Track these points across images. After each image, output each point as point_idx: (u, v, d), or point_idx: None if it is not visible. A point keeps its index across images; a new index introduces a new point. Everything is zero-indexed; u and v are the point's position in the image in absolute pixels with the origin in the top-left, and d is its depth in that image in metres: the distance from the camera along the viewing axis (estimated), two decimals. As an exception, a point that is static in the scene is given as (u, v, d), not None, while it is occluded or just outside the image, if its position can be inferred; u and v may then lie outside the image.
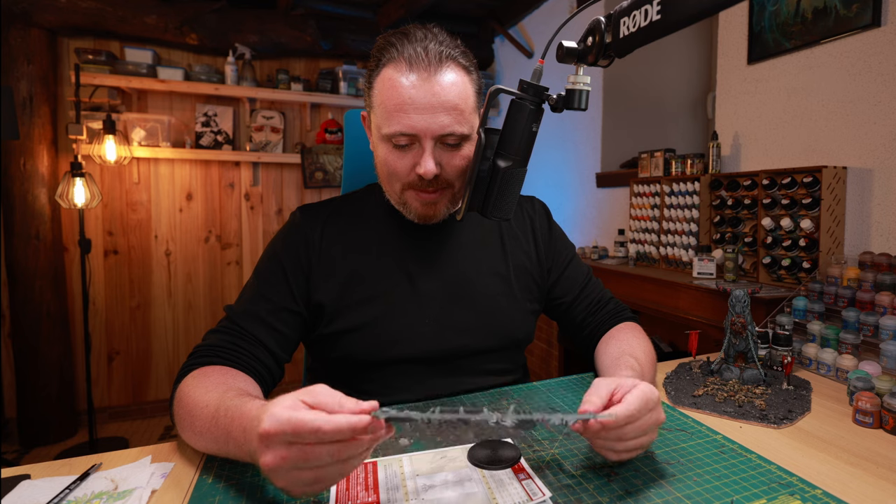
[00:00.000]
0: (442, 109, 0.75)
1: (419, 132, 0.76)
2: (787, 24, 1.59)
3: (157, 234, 2.92)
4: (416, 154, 0.78)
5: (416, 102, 0.75)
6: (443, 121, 0.75)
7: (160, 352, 2.94)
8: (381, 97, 0.78)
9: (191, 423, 0.62)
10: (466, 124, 0.78)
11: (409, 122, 0.75)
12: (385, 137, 0.79)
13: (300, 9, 2.90)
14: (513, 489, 0.56)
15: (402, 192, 0.82)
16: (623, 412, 0.56)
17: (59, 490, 0.57)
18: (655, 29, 0.60)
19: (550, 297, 0.99)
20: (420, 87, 0.75)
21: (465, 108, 0.78)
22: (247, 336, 0.77)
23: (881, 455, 0.66)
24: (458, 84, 0.77)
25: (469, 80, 0.80)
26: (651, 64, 2.59)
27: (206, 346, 0.75)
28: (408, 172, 0.79)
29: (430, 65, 0.75)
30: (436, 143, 0.77)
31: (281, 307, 0.81)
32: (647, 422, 0.58)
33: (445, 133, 0.76)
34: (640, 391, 0.58)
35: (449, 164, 0.79)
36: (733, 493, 0.56)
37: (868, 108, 1.39)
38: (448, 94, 0.76)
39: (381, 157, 0.82)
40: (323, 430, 0.45)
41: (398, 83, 0.75)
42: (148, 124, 2.79)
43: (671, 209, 1.92)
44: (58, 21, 2.49)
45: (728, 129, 1.84)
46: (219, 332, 0.78)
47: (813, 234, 1.42)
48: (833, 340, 0.99)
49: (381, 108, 0.78)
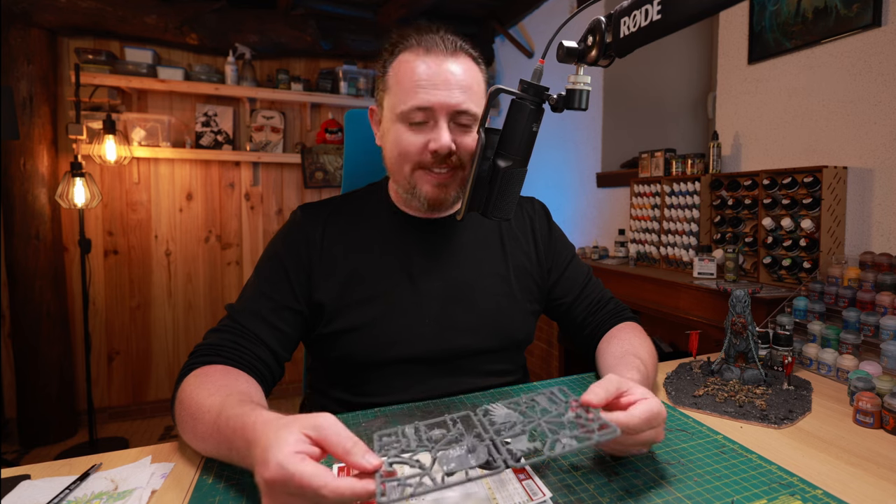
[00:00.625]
0: (457, 87, 0.79)
1: (434, 106, 0.78)
2: (787, 23, 1.59)
3: (157, 234, 2.92)
4: (430, 131, 0.80)
5: (434, 79, 0.78)
6: (458, 97, 0.79)
7: (160, 352, 2.94)
8: (397, 77, 0.81)
9: (192, 426, 0.62)
10: (480, 106, 0.82)
11: (426, 96, 0.78)
12: (401, 116, 0.80)
13: (300, 9, 2.90)
14: (513, 489, 0.56)
15: (413, 174, 0.82)
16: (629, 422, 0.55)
17: (59, 490, 0.56)
18: (656, 29, 0.59)
19: (551, 298, 0.99)
20: (436, 67, 0.79)
21: (478, 91, 0.82)
22: (248, 335, 0.77)
23: (882, 455, 0.66)
24: (471, 70, 0.82)
25: (479, 70, 0.85)
26: (651, 64, 2.59)
27: (207, 344, 0.75)
28: (420, 151, 0.80)
29: (445, 50, 0.80)
30: (450, 120, 0.80)
31: (282, 306, 0.81)
32: (646, 437, 0.58)
33: (461, 109, 0.79)
34: (648, 406, 0.57)
35: (462, 143, 0.81)
36: (734, 493, 0.56)
37: (868, 107, 1.39)
38: (464, 75, 0.80)
39: (393, 139, 0.82)
40: (325, 496, 0.44)
41: (415, 63, 0.79)
42: (148, 124, 2.79)
43: (672, 209, 1.91)
44: (58, 21, 2.49)
45: (728, 129, 1.84)
46: (220, 330, 0.78)
47: (813, 234, 1.42)
48: (834, 340, 0.99)
49: (396, 88, 0.81)
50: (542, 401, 0.59)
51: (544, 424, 0.54)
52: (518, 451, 0.51)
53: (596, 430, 0.52)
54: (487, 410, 0.56)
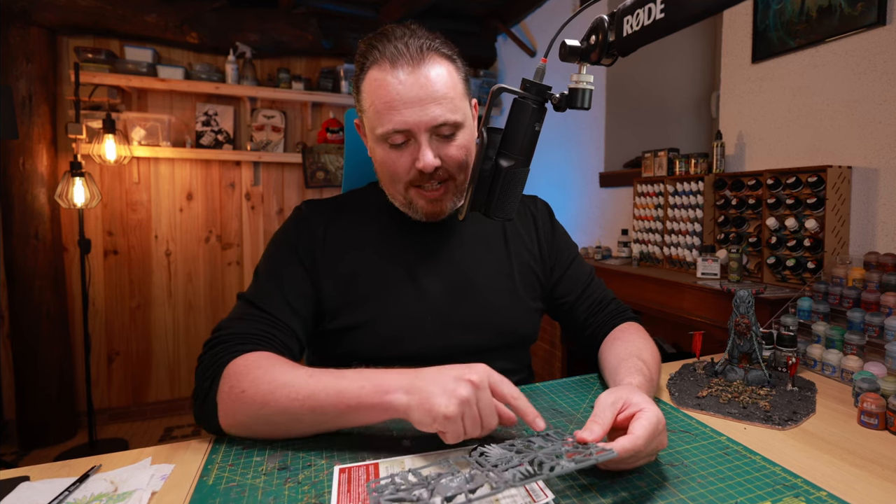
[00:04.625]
0: (431, 101, 0.76)
1: (412, 126, 0.76)
2: (791, 22, 1.58)
3: (157, 234, 2.91)
4: (414, 150, 0.78)
5: (405, 98, 0.75)
6: (434, 112, 0.76)
7: (160, 352, 2.94)
8: (370, 99, 0.78)
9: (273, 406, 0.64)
10: (458, 112, 0.79)
11: (401, 118, 0.76)
12: (380, 138, 0.79)
13: (301, 7, 2.90)
14: (515, 490, 0.55)
15: (406, 192, 0.82)
16: (630, 447, 0.54)
17: (59, 492, 0.56)
18: (659, 27, 0.59)
19: (553, 297, 0.98)
20: (406, 83, 0.75)
21: (454, 96, 0.78)
22: (276, 322, 0.77)
23: (886, 457, 0.66)
24: (443, 74, 0.78)
25: (453, 68, 0.81)
26: (655, 63, 2.58)
27: (237, 333, 0.73)
28: (408, 170, 0.80)
29: (412, 59, 0.76)
30: (431, 135, 0.78)
31: (301, 293, 0.81)
32: (649, 450, 0.57)
33: (438, 124, 0.77)
34: (648, 421, 0.56)
35: (447, 156, 0.80)
36: (737, 494, 0.55)
37: (873, 107, 1.38)
38: (435, 84, 0.76)
39: (380, 159, 0.82)
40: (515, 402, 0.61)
41: (384, 82, 0.76)
42: (148, 123, 2.78)
43: (675, 209, 1.91)
44: (57, 20, 2.49)
45: (732, 129, 1.84)
46: (247, 319, 0.76)
47: (818, 235, 1.41)
48: (838, 341, 0.99)
49: (371, 110, 0.78)
50: (538, 440, 0.59)
51: (542, 455, 0.54)
52: (518, 472, 0.51)
53: (595, 453, 0.53)
54: (483, 451, 0.57)
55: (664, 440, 0.60)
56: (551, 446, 0.57)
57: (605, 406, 0.59)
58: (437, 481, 0.52)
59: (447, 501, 0.49)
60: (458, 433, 0.57)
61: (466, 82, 0.84)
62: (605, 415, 0.58)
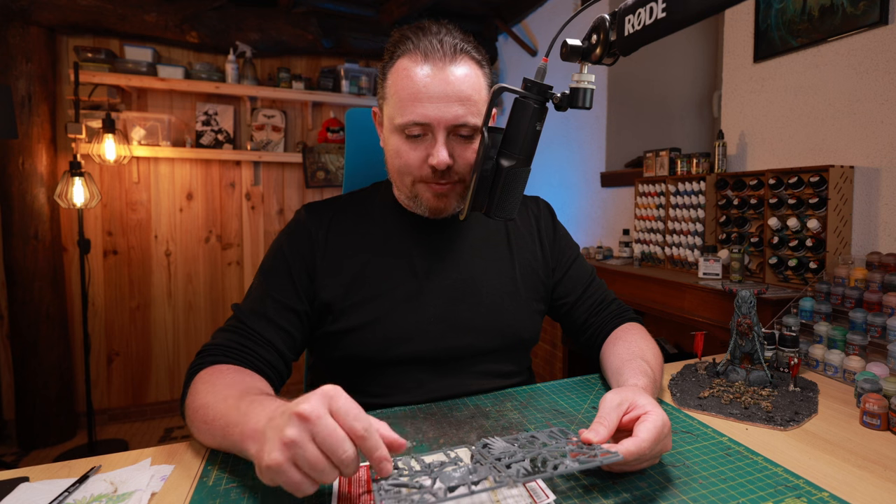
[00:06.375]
0: (456, 100, 0.76)
1: (432, 121, 0.76)
2: (793, 22, 1.58)
3: (157, 234, 2.91)
4: (429, 145, 0.78)
5: (431, 92, 0.75)
6: (456, 111, 0.76)
7: (160, 353, 2.94)
8: (395, 87, 0.78)
9: (204, 423, 0.63)
10: (480, 116, 0.79)
11: (423, 111, 0.76)
12: (398, 128, 0.79)
13: (302, 6, 2.89)
14: (516, 491, 0.55)
15: (413, 186, 0.82)
16: (635, 450, 0.54)
17: (58, 493, 0.56)
18: (660, 27, 0.59)
19: (554, 297, 0.98)
20: (434, 77, 0.76)
21: (478, 100, 0.79)
22: (255, 336, 0.77)
23: (889, 457, 0.65)
24: (472, 76, 0.78)
25: (482, 73, 0.81)
26: (656, 62, 2.58)
27: (215, 345, 0.75)
28: (420, 165, 0.79)
29: (444, 56, 0.76)
30: (448, 133, 0.78)
31: (287, 307, 0.81)
32: (653, 453, 0.57)
33: (459, 123, 0.77)
34: (653, 425, 0.56)
35: (461, 157, 0.79)
36: (739, 495, 0.55)
37: (875, 106, 1.38)
38: (462, 84, 0.77)
39: (393, 149, 0.81)
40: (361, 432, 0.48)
41: (413, 73, 0.76)
42: (148, 123, 2.78)
43: (676, 209, 1.90)
44: (57, 19, 2.48)
45: (734, 128, 1.83)
46: (227, 331, 0.78)
47: (820, 235, 1.41)
48: (840, 342, 0.98)
49: (394, 98, 0.78)
50: (542, 437, 0.59)
51: (546, 453, 0.54)
52: (521, 468, 0.51)
53: (599, 455, 0.53)
54: (486, 444, 0.56)
55: (669, 443, 0.59)
56: (555, 444, 0.56)
57: (610, 407, 0.59)
58: (440, 470, 0.52)
59: (449, 491, 0.49)
60: (295, 484, 0.46)
61: (489, 89, 0.83)
62: (611, 416, 0.58)
